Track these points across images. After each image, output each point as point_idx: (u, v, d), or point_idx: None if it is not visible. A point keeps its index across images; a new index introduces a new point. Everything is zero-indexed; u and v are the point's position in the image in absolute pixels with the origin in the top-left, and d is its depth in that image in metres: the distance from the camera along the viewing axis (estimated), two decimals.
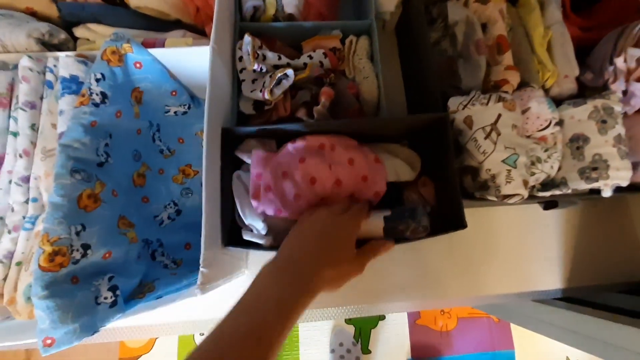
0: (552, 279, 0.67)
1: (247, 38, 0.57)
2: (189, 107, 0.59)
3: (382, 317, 1.47)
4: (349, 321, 1.45)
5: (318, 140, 0.55)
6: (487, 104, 0.55)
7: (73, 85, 0.45)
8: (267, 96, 0.55)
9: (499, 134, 0.53)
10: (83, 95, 0.43)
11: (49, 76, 0.47)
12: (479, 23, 0.63)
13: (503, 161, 0.53)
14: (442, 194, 0.60)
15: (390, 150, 0.61)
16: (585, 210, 0.69)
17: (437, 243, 0.68)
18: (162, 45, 0.51)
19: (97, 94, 0.43)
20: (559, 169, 0.58)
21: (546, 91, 0.62)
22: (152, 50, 0.48)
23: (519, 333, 1.47)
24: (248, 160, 0.53)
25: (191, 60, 0.51)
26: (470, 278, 0.67)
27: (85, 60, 0.47)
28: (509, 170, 0.53)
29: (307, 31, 0.65)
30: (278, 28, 0.63)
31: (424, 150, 0.62)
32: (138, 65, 0.48)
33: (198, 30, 0.59)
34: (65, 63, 0.45)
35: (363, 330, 1.44)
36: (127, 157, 0.49)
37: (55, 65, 0.46)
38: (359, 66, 0.63)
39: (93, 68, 0.44)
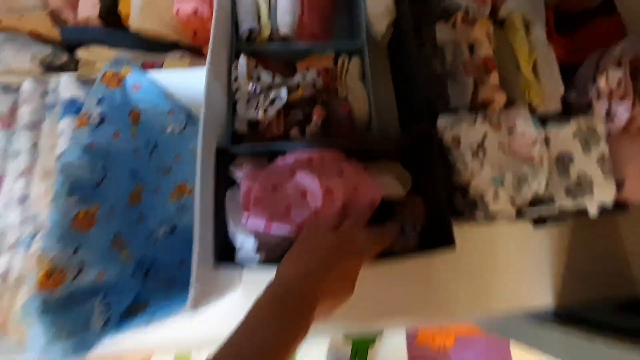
0: (544, 296, 0.68)
1: (243, 59, 0.59)
2: (185, 126, 0.60)
3: (379, 335, 1.46)
4: (346, 339, 1.44)
5: (307, 155, 0.57)
6: (474, 123, 0.57)
7: (73, 106, 0.47)
8: (260, 116, 0.56)
9: (485, 153, 0.55)
10: (82, 117, 0.45)
11: (51, 98, 0.49)
12: (467, 44, 0.65)
13: (490, 180, 0.55)
14: (432, 213, 0.61)
15: (379, 165, 0.63)
16: (577, 229, 0.71)
17: (433, 261, 0.69)
18: (161, 67, 0.53)
19: (96, 116, 0.45)
20: (546, 186, 0.60)
21: (532, 110, 0.64)
22: (150, 72, 0.50)
23: (518, 351, 1.46)
24: (240, 177, 0.55)
25: (188, 80, 0.53)
26: (463, 295, 0.68)
27: (86, 82, 0.48)
28: (496, 189, 0.54)
29: (301, 51, 0.67)
30: (273, 48, 0.66)
31: (415, 169, 0.63)
32: (136, 87, 0.50)
33: (196, 51, 0.61)
34: (66, 85, 0.47)
35: (360, 350, 1.43)
36: (124, 176, 0.51)
37: (56, 87, 0.48)
38: (351, 85, 0.65)
39: (93, 90, 0.46)
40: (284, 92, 0.58)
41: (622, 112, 0.58)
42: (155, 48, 0.58)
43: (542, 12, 0.67)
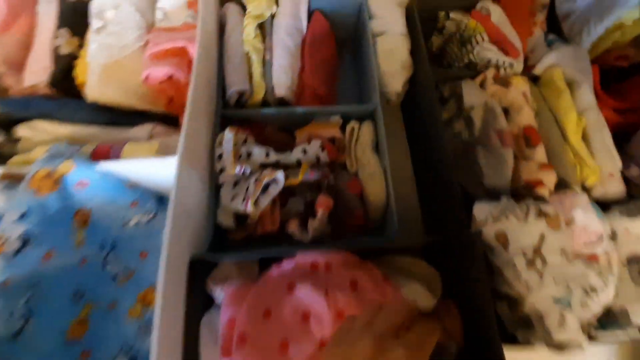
0: None
1: (229, 133, 0.47)
2: (155, 214, 0.48)
3: None
4: None
5: (310, 260, 0.44)
6: (525, 219, 0.44)
7: None
8: (250, 209, 0.44)
9: (545, 263, 0.42)
10: None
11: None
12: (501, 109, 0.54)
13: (554, 300, 0.41)
14: (470, 325, 0.48)
15: (403, 266, 0.50)
16: None
17: None
18: (119, 154, 0.40)
19: (15, 239, 0.33)
20: (616, 295, 0.46)
21: (585, 189, 0.52)
22: (103, 165, 0.38)
23: None
24: (221, 296, 0.41)
25: (156, 169, 0.41)
26: None
27: (12, 183, 0.36)
28: (563, 312, 0.41)
29: (301, 117, 0.56)
30: (267, 115, 0.54)
31: (444, 265, 0.50)
32: (82, 184, 0.38)
33: (172, 120, 0.49)
34: None
35: None
36: (61, 304, 0.38)
37: None
38: (362, 160, 0.53)
39: (15, 202, 0.34)
40: (280, 176, 0.46)
41: None
42: (119, 121, 0.46)
43: (588, 66, 0.57)
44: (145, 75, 0.44)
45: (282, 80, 0.55)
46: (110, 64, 0.44)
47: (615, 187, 0.51)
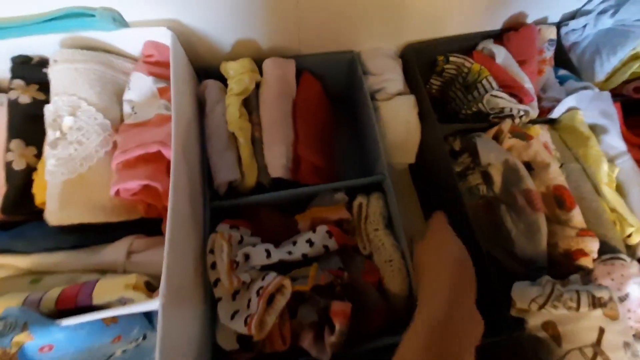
0: None
1: (220, 240, 0.41)
2: (144, 337, 0.40)
3: None
4: None
5: None
6: (577, 308, 0.38)
7: None
8: (254, 332, 0.37)
9: None
10: None
11: None
12: (524, 167, 0.48)
13: None
14: None
15: None
16: None
17: None
18: (89, 296, 0.33)
19: None
20: None
21: (628, 248, 0.46)
22: (70, 321, 0.31)
23: None
24: None
25: (135, 310, 0.34)
26: None
27: None
28: None
29: (301, 197, 0.49)
30: (263, 200, 0.48)
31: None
32: (47, 349, 0.31)
33: (152, 227, 0.42)
34: None
35: None
36: None
37: None
38: (375, 241, 0.47)
39: None
40: (287, 285, 0.39)
41: None
42: (89, 240, 0.39)
43: (613, 110, 0.51)
44: (114, 190, 0.37)
45: (276, 159, 0.48)
46: (72, 181, 0.37)
47: None
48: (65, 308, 0.33)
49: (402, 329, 0.44)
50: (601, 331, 0.36)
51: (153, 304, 0.31)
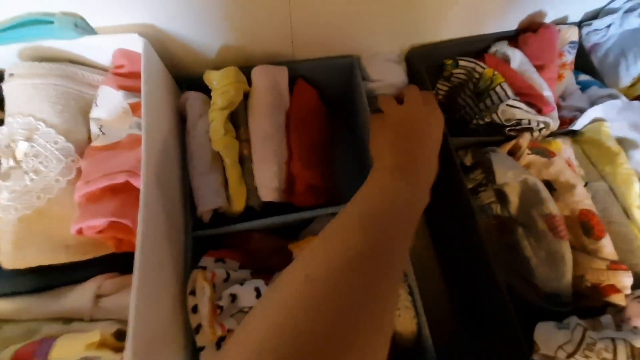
0: None
1: (202, 285, 0.35)
2: None
3: None
4: None
5: None
6: (613, 355, 0.33)
7: None
8: None
9: None
10: None
11: None
12: (546, 189, 0.43)
13: None
14: None
15: None
16: None
17: None
18: (46, 358, 0.28)
19: None
20: None
21: None
22: None
23: None
24: None
25: None
26: None
27: None
28: None
29: (296, 223, 0.44)
30: (252, 228, 0.42)
31: None
32: None
33: (125, 262, 0.37)
34: None
35: None
36: None
37: None
38: None
39: None
40: None
41: None
42: (51, 283, 0.34)
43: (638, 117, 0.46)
44: (75, 229, 0.32)
45: (267, 181, 0.43)
46: (29, 217, 0.32)
47: None
48: None
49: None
50: None
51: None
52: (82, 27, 0.36)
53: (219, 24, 0.42)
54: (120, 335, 0.33)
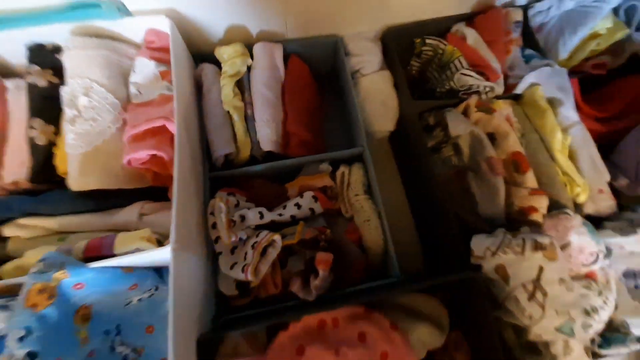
0: None
1: (220, 204, 0.47)
2: (156, 289, 0.47)
3: None
4: None
5: (316, 318, 0.44)
6: (522, 252, 0.45)
7: None
8: (250, 277, 0.44)
9: (545, 295, 0.43)
10: None
11: None
12: (487, 137, 0.54)
13: (557, 329, 0.42)
14: (481, 355, 0.49)
15: (410, 304, 0.50)
16: None
17: None
18: (111, 247, 0.40)
19: (22, 359, 0.32)
20: (615, 307, 0.47)
21: (577, 207, 0.53)
22: (97, 264, 0.38)
23: None
24: None
25: (150, 258, 0.41)
26: None
27: (7, 303, 0.36)
28: (567, 340, 0.42)
29: (290, 168, 0.55)
30: (256, 172, 0.54)
31: (449, 294, 0.51)
32: (78, 286, 0.37)
33: (160, 194, 0.49)
34: None
35: None
36: None
37: None
38: (356, 205, 0.53)
39: (14, 322, 0.33)
40: (277, 239, 0.45)
41: None
42: (106, 205, 0.46)
43: (568, 84, 0.57)
44: (126, 160, 0.43)
45: (267, 135, 0.54)
46: (90, 152, 0.43)
47: (606, 203, 0.52)
48: (91, 256, 0.39)
49: (379, 274, 0.51)
50: (540, 269, 0.43)
51: (165, 250, 0.38)
52: (122, 11, 0.47)
53: (225, 8, 0.52)
54: (159, 243, 0.45)
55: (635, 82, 0.61)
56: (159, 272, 0.48)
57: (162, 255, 0.39)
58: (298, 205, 0.51)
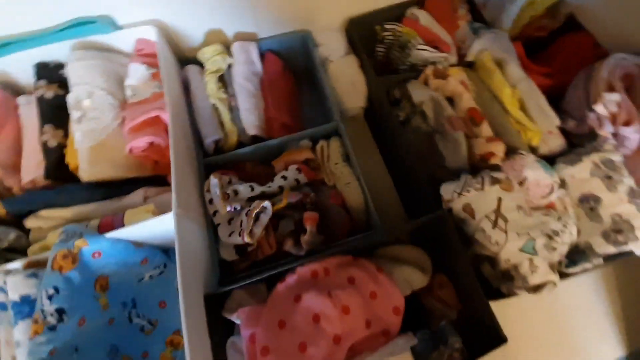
0: (610, 348, 0.59)
1: (214, 179, 0.53)
2: (165, 266, 0.53)
3: None
4: None
5: (309, 269, 0.50)
6: (482, 188, 0.51)
7: (25, 307, 0.39)
8: (247, 239, 0.49)
9: (506, 221, 0.49)
10: (36, 322, 0.37)
11: (1, 296, 0.41)
12: (444, 99, 0.61)
13: (521, 250, 0.48)
14: (462, 290, 0.54)
15: (395, 254, 0.56)
16: (621, 269, 0.63)
17: None
18: (121, 222, 0.46)
19: (51, 315, 0.38)
20: (579, 232, 0.53)
21: (533, 150, 0.59)
22: (111, 234, 0.43)
23: None
24: (238, 321, 0.46)
25: (157, 227, 0.46)
26: None
27: (36, 272, 0.41)
28: (531, 259, 0.47)
29: (275, 148, 0.62)
30: (244, 154, 0.60)
31: (430, 244, 0.56)
32: (97, 255, 0.43)
33: (160, 181, 0.55)
34: (13, 284, 0.39)
35: None
36: None
37: (4, 286, 0.40)
38: (337, 172, 0.59)
39: (44, 283, 0.39)
40: (267, 205, 0.51)
41: (633, 135, 0.53)
42: (114, 193, 0.52)
43: (510, 46, 0.64)
44: (128, 148, 0.50)
45: (251, 121, 0.61)
46: (96, 146, 0.50)
47: (556, 142, 0.58)
48: (105, 231, 0.45)
49: (365, 230, 0.56)
50: (499, 200, 0.49)
51: (169, 216, 0.44)
52: (114, 25, 0.54)
53: (203, 14, 0.60)
54: None
55: (574, 38, 0.68)
56: (167, 253, 0.54)
57: (167, 223, 0.45)
58: (284, 177, 0.57)
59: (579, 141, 0.60)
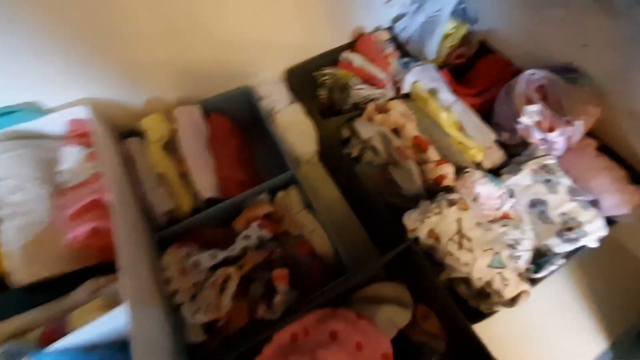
0: (594, 341, 0.60)
1: (168, 257, 0.50)
2: None
3: None
4: None
5: (288, 333, 0.46)
6: (441, 212, 0.52)
7: None
8: (215, 314, 0.45)
9: (470, 240, 0.50)
10: None
11: None
12: (390, 131, 0.64)
13: (489, 266, 0.49)
14: (444, 317, 0.53)
15: (373, 293, 0.54)
16: (585, 263, 0.67)
17: None
18: (65, 328, 0.40)
19: None
20: (537, 237, 0.55)
21: (478, 166, 0.63)
22: (58, 344, 0.38)
23: None
24: None
25: (109, 324, 0.41)
26: None
27: None
28: (500, 272, 0.48)
29: (233, 207, 0.60)
30: (201, 219, 0.57)
31: (403, 273, 0.56)
32: None
33: (111, 268, 0.50)
34: None
35: None
36: None
37: None
38: (300, 220, 0.58)
39: None
40: (232, 272, 0.48)
41: (558, 138, 0.59)
42: (57, 292, 0.46)
43: (437, 74, 0.70)
44: (70, 238, 0.45)
45: (204, 183, 0.59)
46: (31, 243, 0.45)
47: (496, 154, 0.63)
48: (48, 342, 0.39)
49: (339, 273, 0.54)
50: (459, 220, 0.51)
51: (120, 309, 0.39)
52: (40, 111, 0.52)
53: (135, 86, 0.59)
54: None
55: (490, 59, 0.77)
56: (126, 349, 0.48)
57: (119, 317, 0.40)
58: (247, 237, 0.54)
59: (515, 150, 0.65)
